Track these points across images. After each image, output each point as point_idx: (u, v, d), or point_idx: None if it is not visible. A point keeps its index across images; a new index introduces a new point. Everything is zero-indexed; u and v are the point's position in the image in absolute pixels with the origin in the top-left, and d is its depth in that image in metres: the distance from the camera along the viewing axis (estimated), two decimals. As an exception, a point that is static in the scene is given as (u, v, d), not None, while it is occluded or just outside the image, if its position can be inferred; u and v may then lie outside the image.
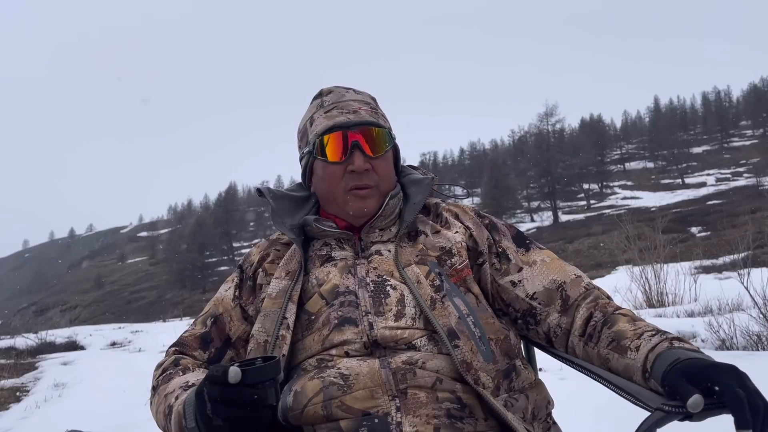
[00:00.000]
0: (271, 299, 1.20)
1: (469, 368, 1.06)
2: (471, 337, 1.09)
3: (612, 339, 1.07)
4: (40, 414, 4.40)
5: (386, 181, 1.24)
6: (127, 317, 34.66)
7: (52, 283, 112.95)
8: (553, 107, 63.79)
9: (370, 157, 1.21)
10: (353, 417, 1.03)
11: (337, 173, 1.21)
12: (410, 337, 1.10)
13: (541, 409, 1.15)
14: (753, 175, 55.70)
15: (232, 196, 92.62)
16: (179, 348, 1.25)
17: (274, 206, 1.28)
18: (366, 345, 1.10)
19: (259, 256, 1.30)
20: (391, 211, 1.24)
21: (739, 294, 5.44)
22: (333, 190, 1.22)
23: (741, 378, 0.84)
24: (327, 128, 1.21)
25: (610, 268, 16.00)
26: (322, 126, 1.23)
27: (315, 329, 1.14)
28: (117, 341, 9.89)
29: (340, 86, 1.32)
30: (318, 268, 1.21)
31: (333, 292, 1.16)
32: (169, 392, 1.10)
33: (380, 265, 1.18)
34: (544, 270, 1.23)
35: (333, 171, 1.21)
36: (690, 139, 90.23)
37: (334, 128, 1.21)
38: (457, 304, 1.13)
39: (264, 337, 1.17)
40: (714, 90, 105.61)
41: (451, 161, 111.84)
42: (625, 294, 7.55)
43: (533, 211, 60.64)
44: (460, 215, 1.29)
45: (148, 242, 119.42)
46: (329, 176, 1.22)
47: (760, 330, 4.26)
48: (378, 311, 1.12)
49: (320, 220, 1.23)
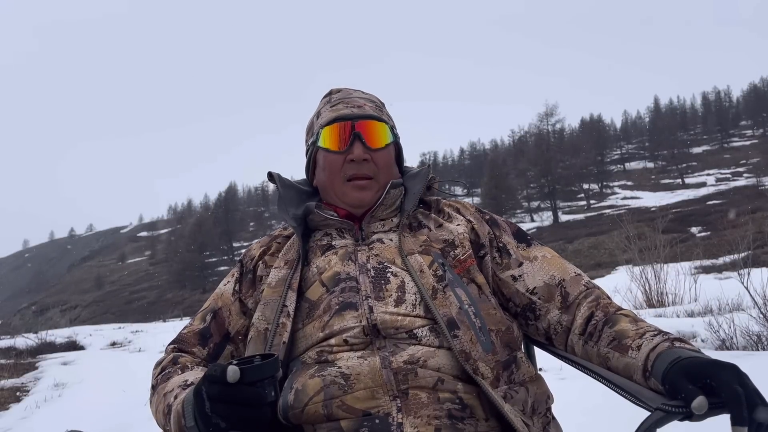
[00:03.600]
0: (271, 288, 1.20)
1: (467, 358, 1.06)
2: (471, 327, 1.09)
3: (613, 338, 1.07)
4: (40, 414, 4.39)
5: (385, 173, 1.26)
6: (127, 317, 34.68)
7: (52, 283, 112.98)
8: (553, 107, 63.83)
9: (370, 149, 1.23)
10: (354, 417, 1.03)
11: (337, 162, 1.24)
12: (410, 324, 1.10)
13: (540, 403, 1.15)
14: (753, 175, 55.73)
15: (232, 196, 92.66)
16: (178, 345, 1.25)
17: (282, 193, 1.30)
18: (365, 330, 1.09)
19: (260, 250, 1.31)
20: (392, 201, 1.25)
21: (739, 294, 5.44)
22: (333, 179, 1.25)
23: (740, 376, 0.84)
24: (330, 119, 1.25)
25: (610, 268, 16.01)
26: (326, 118, 1.26)
27: (316, 316, 1.14)
28: (117, 341, 9.87)
29: (349, 87, 1.35)
30: (319, 257, 1.22)
31: (334, 279, 1.16)
32: (168, 391, 1.10)
33: (382, 252, 1.19)
34: (545, 266, 1.23)
35: (333, 160, 1.24)
36: (690, 139, 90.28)
37: (337, 119, 1.24)
38: (458, 294, 1.13)
39: (264, 325, 1.17)
40: (714, 90, 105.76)
41: (451, 161, 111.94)
42: (625, 294, 7.55)
43: (533, 211, 60.68)
44: (461, 210, 1.31)
45: (148, 242, 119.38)
46: (329, 165, 1.24)
47: (760, 330, 4.26)
48: (378, 296, 1.12)
49: (321, 206, 1.25)
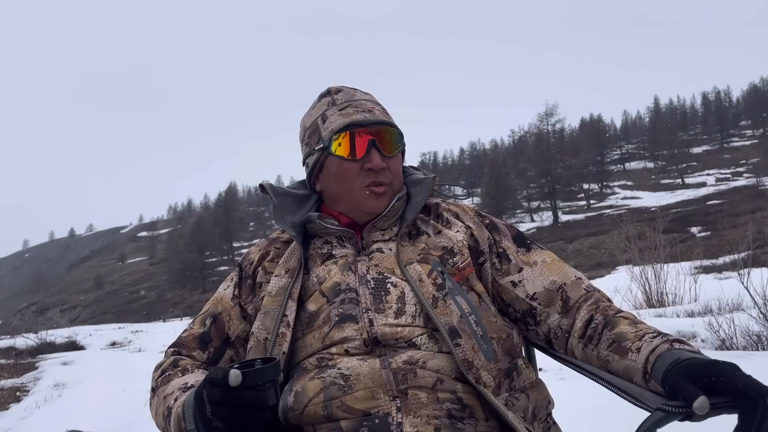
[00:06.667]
0: (271, 297, 1.19)
1: (470, 367, 1.06)
2: (473, 335, 1.09)
3: (613, 341, 1.06)
4: (40, 414, 4.39)
5: (398, 180, 1.26)
6: (127, 317, 34.69)
7: (52, 283, 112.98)
8: (553, 107, 63.84)
9: (386, 156, 1.22)
10: (354, 417, 1.03)
11: (353, 170, 1.21)
12: (410, 334, 1.10)
13: (541, 409, 1.15)
14: (753, 175, 55.72)
15: (232, 196, 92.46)
16: (178, 348, 1.25)
17: (276, 202, 1.28)
18: (366, 342, 1.10)
19: (259, 254, 1.30)
20: (395, 212, 1.25)
21: (739, 294, 5.43)
22: (348, 187, 1.22)
23: (743, 373, 0.84)
24: (344, 125, 1.21)
25: (610, 268, 16.01)
26: (339, 123, 1.22)
27: (315, 327, 1.14)
28: (117, 341, 9.88)
29: (347, 86, 1.32)
30: (319, 266, 1.21)
31: (334, 290, 1.16)
32: (168, 394, 1.10)
33: (381, 262, 1.18)
34: (545, 271, 1.22)
35: (349, 168, 1.22)
36: (690, 139, 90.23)
37: (352, 126, 1.21)
38: (459, 303, 1.12)
39: (264, 334, 1.17)
40: (714, 90, 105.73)
41: (451, 161, 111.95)
42: (625, 294, 7.54)
43: (533, 211, 60.67)
44: (460, 215, 1.29)
45: (148, 242, 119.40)
46: (345, 173, 1.22)
47: (760, 330, 4.25)
48: (378, 308, 1.12)
49: (323, 217, 1.24)
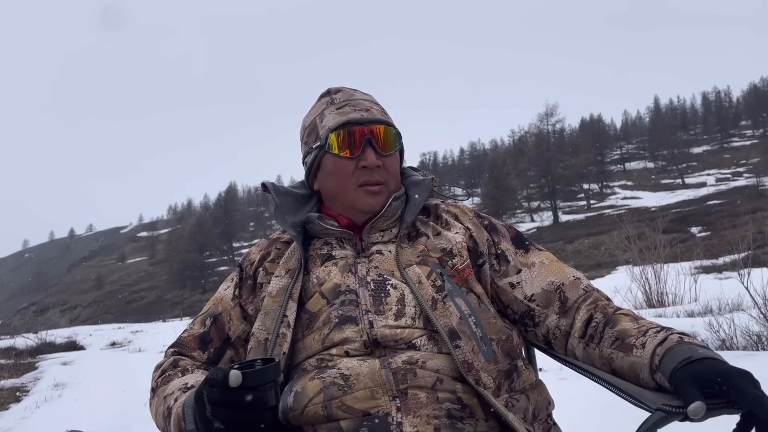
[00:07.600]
0: (272, 297, 1.20)
1: (470, 368, 1.06)
2: (472, 337, 1.09)
3: (616, 338, 1.06)
4: (40, 414, 4.39)
5: (395, 180, 1.26)
6: (126, 317, 34.70)
7: (52, 283, 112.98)
8: (553, 107, 63.86)
9: (382, 155, 1.22)
10: (354, 417, 1.03)
11: (348, 168, 1.22)
12: (410, 336, 1.10)
13: (541, 410, 1.15)
14: (753, 175, 55.75)
15: (232, 196, 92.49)
16: (178, 349, 1.25)
17: (278, 202, 1.28)
18: (366, 344, 1.10)
19: (259, 255, 1.30)
20: (393, 213, 1.24)
21: (739, 294, 5.43)
22: (343, 185, 1.22)
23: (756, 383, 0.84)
24: (340, 123, 1.22)
25: (610, 268, 16.01)
26: (336, 121, 1.22)
27: (315, 328, 1.14)
28: (117, 341, 9.89)
29: (347, 87, 1.33)
30: (319, 267, 1.21)
31: (334, 292, 1.16)
32: (168, 394, 1.10)
33: (381, 264, 1.19)
34: (543, 272, 1.22)
35: (344, 166, 1.22)
36: (690, 139, 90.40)
37: (348, 124, 1.21)
38: (458, 304, 1.12)
39: (264, 335, 1.17)
40: (714, 90, 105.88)
41: (451, 161, 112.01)
42: (625, 294, 7.54)
43: (533, 211, 60.70)
44: (459, 216, 1.29)
45: (148, 242, 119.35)
46: (340, 171, 1.22)
47: (760, 330, 4.25)
48: (378, 310, 1.12)
49: (323, 217, 1.24)
